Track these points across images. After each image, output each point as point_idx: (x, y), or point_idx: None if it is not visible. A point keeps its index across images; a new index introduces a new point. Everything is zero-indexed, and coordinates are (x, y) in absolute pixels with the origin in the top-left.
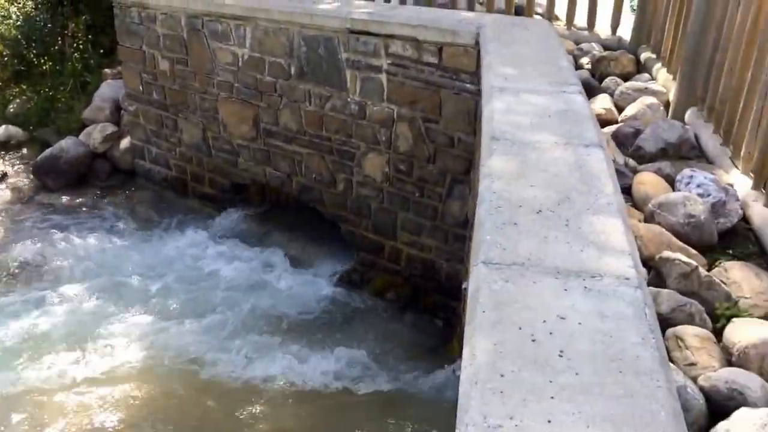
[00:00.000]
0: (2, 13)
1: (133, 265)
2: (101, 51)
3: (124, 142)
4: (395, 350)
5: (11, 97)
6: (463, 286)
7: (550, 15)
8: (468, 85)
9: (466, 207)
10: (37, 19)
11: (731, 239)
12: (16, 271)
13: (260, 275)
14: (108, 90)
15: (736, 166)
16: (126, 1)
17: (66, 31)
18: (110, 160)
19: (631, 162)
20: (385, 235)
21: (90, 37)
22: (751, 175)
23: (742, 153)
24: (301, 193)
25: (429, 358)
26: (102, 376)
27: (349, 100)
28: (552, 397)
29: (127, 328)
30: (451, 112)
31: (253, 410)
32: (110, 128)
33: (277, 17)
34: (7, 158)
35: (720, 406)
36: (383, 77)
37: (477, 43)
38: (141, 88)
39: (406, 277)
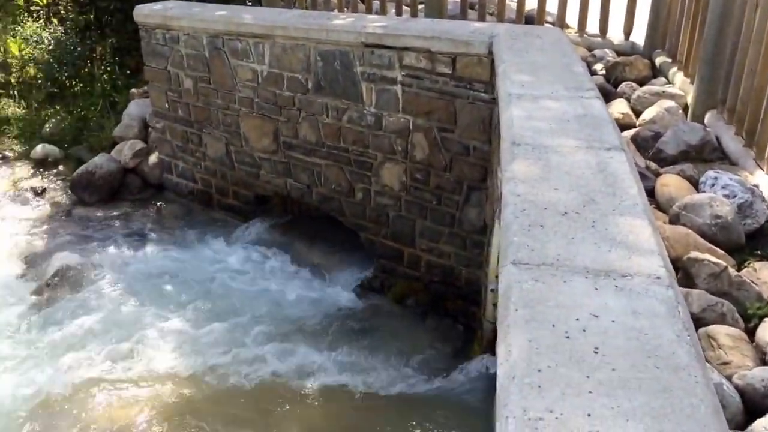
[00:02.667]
0: (35, 38)
1: (163, 273)
2: (128, 72)
3: (153, 158)
4: (418, 354)
5: (47, 118)
6: (491, 288)
7: (561, 23)
8: (482, 94)
9: (483, 213)
10: (67, 43)
11: (759, 240)
12: (57, 279)
13: (284, 282)
14: (136, 109)
15: (761, 167)
16: (151, 24)
17: (94, 54)
18: (140, 175)
19: (653, 165)
20: (403, 242)
21: (117, 59)
22: None
23: (766, 154)
24: (322, 203)
25: (451, 361)
26: (137, 378)
27: (365, 111)
28: (590, 392)
29: (159, 333)
30: (466, 121)
31: (281, 412)
32: (139, 145)
33: (294, 34)
34: (45, 175)
35: (756, 404)
36: (398, 89)
37: (490, 52)
38: (167, 106)
39: (426, 283)
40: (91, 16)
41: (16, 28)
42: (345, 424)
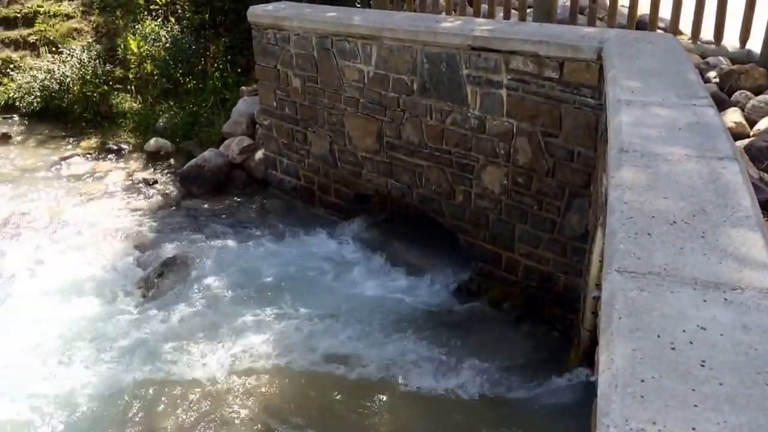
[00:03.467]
0: (153, 36)
1: (265, 266)
2: (238, 70)
3: (259, 154)
4: (512, 358)
5: (161, 113)
6: (593, 295)
7: (674, 29)
8: (589, 100)
9: (585, 220)
10: (183, 41)
11: None
12: (164, 268)
13: (381, 281)
14: (244, 106)
15: None
16: (263, 24)
17: (208, 53)
18: (246, 170)
19: (767, 176)
20: (502, 246)
21: (229, 57)
22: None
23: None
24: (422, 204)
25: (546, 367)
26: (235, 369)
27: (469, 114)
28: (695, 405)
29: (259, 323)
30: (571, 126)
31: (373, 408)
32: (246, 141)
33: (402, 36)
34: (157, 167)
35: None
36: (503, 92)
37: (599, 57)
38: (275, 104)
39: (523, 288)
40: (206, 16)
41: (136, 27)
42: (433, 422)
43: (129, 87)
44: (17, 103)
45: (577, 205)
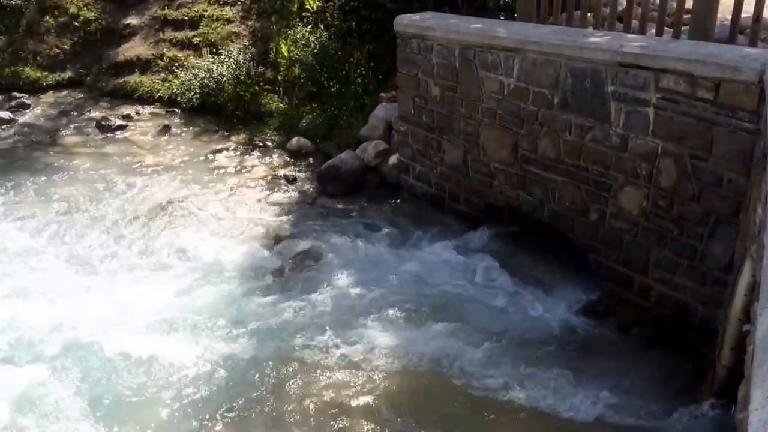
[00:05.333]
0: (302, 42)
1: (391, 267)
2: (379, 77)
3: (393, 159)
4: (638, 386)
5: (304, 114)
6: (744, 329)
7: None
8: (745, 124)
9: (730, 250)
10: (330, 47)
11: None
12: (296, 261)
13: (505, 293)
14: (382, 111)
15: None
16: (408, 33)
17: (351, 59)
18: (379, 174)
19: None
20: (635, 269)
21: (371, 64)
22: None
23: None
24: (552, 220)
25: (675, 400)
26: (359, 361)
27: (611, 132)
28: None
29: (383, 321)
30: (723, 151)
31: (487, 422)
32: (382, 145)
33: (546, 49)
34: (297, 165)
35: None
36: (650, 111)
37: (761, 80)
38: (412, 111)
39: (656, 315)
40: (353, 24)
41: (288, 32)
42: None
43: (277, 88)
44: (179, 99)
45: (722, 233)
